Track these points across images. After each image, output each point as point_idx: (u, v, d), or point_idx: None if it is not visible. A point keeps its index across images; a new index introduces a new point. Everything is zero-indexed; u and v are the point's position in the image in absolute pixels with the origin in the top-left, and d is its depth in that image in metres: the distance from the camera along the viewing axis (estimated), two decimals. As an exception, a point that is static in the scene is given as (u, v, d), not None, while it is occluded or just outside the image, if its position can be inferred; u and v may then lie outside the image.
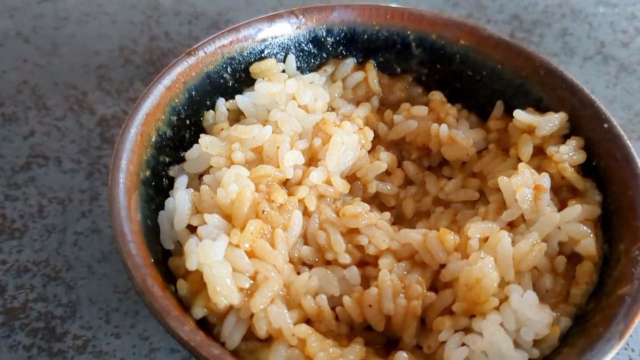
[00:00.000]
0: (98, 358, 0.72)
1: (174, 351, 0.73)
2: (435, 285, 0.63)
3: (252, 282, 0.56)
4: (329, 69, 0.81)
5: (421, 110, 0.77)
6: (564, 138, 0.70)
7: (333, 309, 0.61)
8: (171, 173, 0.68)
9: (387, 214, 0.70)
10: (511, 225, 0.65)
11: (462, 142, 0.73)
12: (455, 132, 0.73)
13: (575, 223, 0.63)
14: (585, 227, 0.63)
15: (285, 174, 0.65)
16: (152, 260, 0.56)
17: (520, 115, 0.70)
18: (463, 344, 0.56)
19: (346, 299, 0.60)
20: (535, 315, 0.55)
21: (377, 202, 0.75)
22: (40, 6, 1.19)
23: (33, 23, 1.15)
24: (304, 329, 0.55)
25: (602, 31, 1.23)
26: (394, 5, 0.81)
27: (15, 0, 1.20)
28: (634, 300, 0.53)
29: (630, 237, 0.59)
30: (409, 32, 0.79)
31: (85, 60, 1.09)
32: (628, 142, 0.66)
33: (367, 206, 0.66)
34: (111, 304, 0.77)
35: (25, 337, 0.74)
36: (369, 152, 0.75)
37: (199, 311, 0.56)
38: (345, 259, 0.62)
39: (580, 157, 0.68)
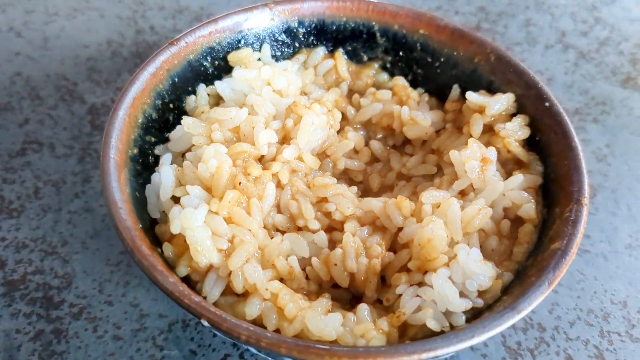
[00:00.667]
0: (93, 323, 0.79)
1: (162, 316, 0.80)
2: (394, 247, 0.71)
3: (229, 244, 0.63)
4: (301, 57, 0.88)
5: (385, 94, 0.83)
6: (511, 117, 0.78)
7: (303, 269, 0.68)
8: (157, 151, 0.75)
9: (354, 188, 0.78)
10: (462, 194, 0.72)
11: (422, 123, 0.80)
12: (415, 114, 0.80)
13: (518, 190, 0.71)
14: (526, 194, 0.71)
15: (260, 151, 0.72)
16: (141, 226, 0.63)
17: (472, 97, 0.78)
18: (417, 296, 0.63)
19: (314, 260, 0.67)
20: (479, 269, 0.63)
21: (345, 177, 0.82)
22: (31, 2, 1.24)
23: (24, 18, 1.21)
24: (276, 285, 0.62)
25: (563, 21, 1.31)
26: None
27: (6, -4, 1.26)
28: (563, 253, 0.60)
29: (564, 201, 0.67)
30: (374, 23, 0.86)
31: (75, 53, 1.15)
32: (566, 118, 0.73)
33: (335, 180, 0.74)
34: (104, 276, 0.84)
35: (25, 305, 0.80)
36: (339, 132, 0.82)
37: (182, 270, 0.63)
38: (314, 224, 0.69)
39: (524, 133, 0.76)
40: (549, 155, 0.73)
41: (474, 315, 0.63)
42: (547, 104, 0.74)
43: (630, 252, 0.91)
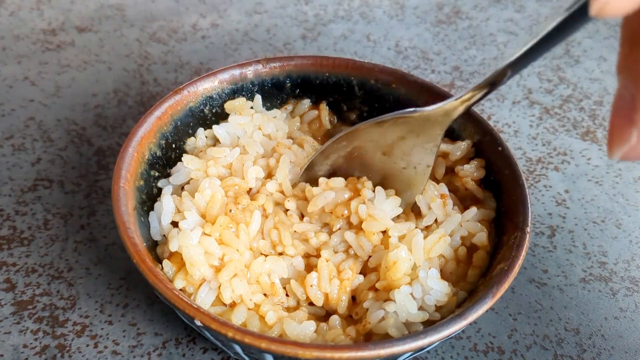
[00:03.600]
0: (94, 340, 0.86)
1: (157, 335, 0.87)
2: (364, 271, 0.80)
3: (220, 261, 0.73)
4: (289, 107, 0.99)
5: (338, 182, 0.84)
6: (469, 160, 0.89)
7: (284, 287, 0.78)
8: (160, 184, 0.85)
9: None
10: (426, 229, 0.83)
11: (381, 219, 0.79)
12: (372, 210, 0.79)
13: (473, 222, 0.81)
14: (480, 225, 0.81)
15: (248, 184, 0.82)
16: (145, 245, 0.73)
17: None
18: (381, 309, 0.73)
19: (292, 281, 0.77)
20: (436, 286, 0.72)
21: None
22: (45, 55, 1.36)
23: (38, 69, 1.32)
24: (259, 297, 0.72)
25: (530, 80, 1.43)
26: (345, 57, 1.00)
27: (22, 49, 1.37)
28: (506, 272, 0.70)
29: (511, 230, 0.77)
30: (352, 78, 0.97)
31: (84, 100, 1.25)
32: (515, 160, 0.84)
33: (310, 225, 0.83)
34: (105, 298, 0.91)
35: (32, 323, 0.87)
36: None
37: (179, 282, 0.72)
38: (292, 250, 0.79)
39: (479, 173, 0.86)
40: (501, 191, 0.84)
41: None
42: (499, 148, 0.85)
43: (584, 285, 1.00)
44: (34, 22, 1.46)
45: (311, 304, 0.78)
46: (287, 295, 0.77)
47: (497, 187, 0.85)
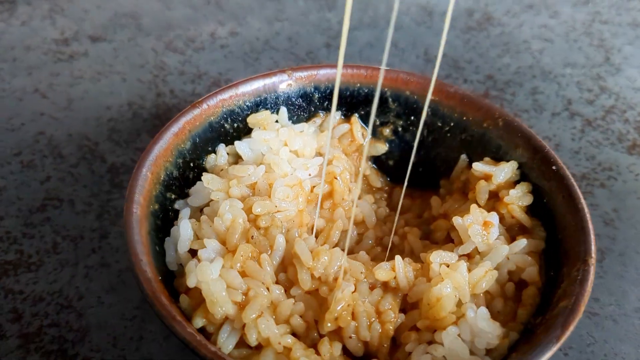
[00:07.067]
0: (105, 377, 0.80)
1: (173, 371, 0.81)
2: (403, 307, 0.72)
3: (244, 297, 0.65)
4: (317, 120, 0.92)
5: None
6: (514, 184, 0.80)
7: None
8: (177, 206, 0.78)
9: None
10: (468, 257, 0.74)
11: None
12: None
13: (522, 254, 0.73)
14: (529, 258, 0.73)
15: (275, 206, 0.74)
16: (160, 278, 0.65)
17: (479, 167, 0.81)
18: (427, 353, 0.64)
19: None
20: (487, 327, 0.64)
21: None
22: (56, 65, 1.30)
23: (49, 80, 1.26)
24: (289, 339, 0.63)
25: (570, 90, 1.35)
26: (375, 66, 0.92)
27: (33, 60, 1.31)
28: (570, 311, 0.61)
29: (572, 261, 0.68)
30: (386, 89, 0.90)
31: (97, 114, 1.19)
32: (572, 181, 0.76)
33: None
34: (118, 330, 0.85)
35: (39, 357, 0.81)
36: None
37: (198, 321, 0.64)
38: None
39: (527, 199, 0.78)
40: (556, 217, 0.75)
41: (482, 375, 0.64)
42: (554, 168, 0.77)
43: (640, 316, 0.92)
44: (46, 32, 1.40)
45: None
46: (320, 335, 0.69)
47: (547, 214, 0.77)
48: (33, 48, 1.35)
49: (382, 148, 0.93)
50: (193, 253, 0.70)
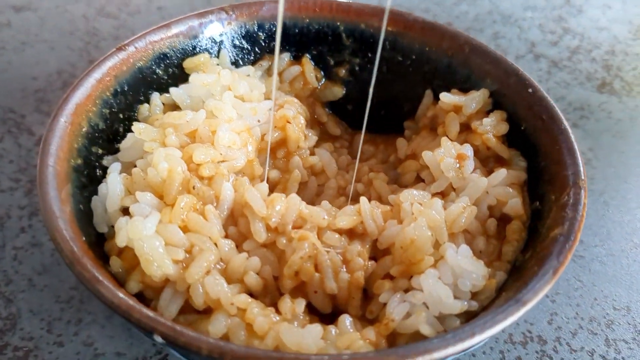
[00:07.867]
0: (40, 367, 0.69)
1: (119, 355, 0.71)
2: (373, 255, 0.63)
3: (187, 255, 0.55)
4: (264, 63, 0.82)
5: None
6: (487, 113, 0.72)
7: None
8: (105, 163, 0.67)
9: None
10: (443, 195, 0.66)
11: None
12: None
13: (502, 186, 0.65)
14: (511, 190, 0.65)
15: (219, 154, 0.64)
16: (85, 240, 0.55)
17: (447, 97, 0.72)
18: (405, 301, 0.55)
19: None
20: (471, 266, 0.55)
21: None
22: (-24, 38, 1.18)
23: (-31, 54, 1.14)
24: (243, 299, 0.54)
25: (532, 33, 1.28)
26: None
27: (-50, 35, 1.19)
28: (565, 239, 0.54)
29: (559, 186, 0.61)
30: (339, 23, 0.80)
31: (22, 85, 1.07)
32: (552, 102, 0.68)
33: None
34: (53, 314, 0.74)
35: (-39, 353, 0.70)
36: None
37: (134, 285, 0.54)
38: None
39: (502, 128, 0.70)
40: (537, 143, 0.67)
41: (468, 320, 0.56)
42: (530, 90, 0.69)
43: (627, 255, 0.85)
44: (-38, 3, 1.27)
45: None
46: (280, 293, 0.59)
47: (526, 142, 0.69)
48: (-53, 20, 1.21)
49: (338, 91, 0.84)
50: (126, 212, 0.60)
